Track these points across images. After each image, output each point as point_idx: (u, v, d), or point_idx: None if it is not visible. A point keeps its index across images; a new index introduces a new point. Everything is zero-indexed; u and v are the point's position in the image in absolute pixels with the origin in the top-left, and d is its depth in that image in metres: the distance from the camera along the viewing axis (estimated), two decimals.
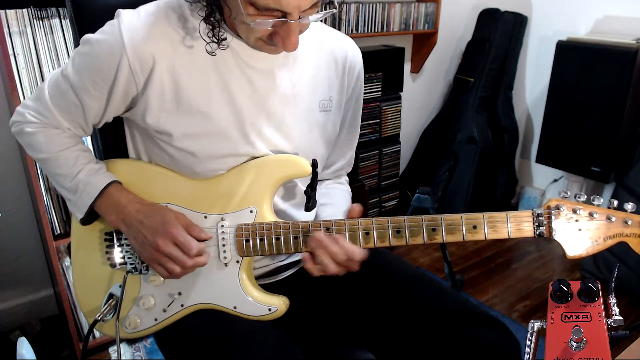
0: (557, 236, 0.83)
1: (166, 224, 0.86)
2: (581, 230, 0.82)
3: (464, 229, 0.84)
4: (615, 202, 0.82)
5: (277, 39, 0.80)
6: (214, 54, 0.85)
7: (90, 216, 0.93)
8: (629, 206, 0.82)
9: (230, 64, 0.88)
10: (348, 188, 1.13)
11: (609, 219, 0.82)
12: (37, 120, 0.93)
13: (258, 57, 0.89)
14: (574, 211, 0.83)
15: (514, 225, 0.84)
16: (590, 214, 0.82)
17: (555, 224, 0.83)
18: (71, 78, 0.88)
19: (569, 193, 0.84)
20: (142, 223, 0.88)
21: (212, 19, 0.82)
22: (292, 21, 0.76)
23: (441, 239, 0.85)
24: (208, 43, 0.84)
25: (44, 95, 0.91)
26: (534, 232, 0.83)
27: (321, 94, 0.97)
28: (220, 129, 0.89)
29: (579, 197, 0.83)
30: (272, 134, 0.92)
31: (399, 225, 0.86)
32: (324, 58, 0.97)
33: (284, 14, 0.76)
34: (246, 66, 0.88)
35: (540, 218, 0.83)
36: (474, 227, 0.84)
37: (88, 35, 0.87)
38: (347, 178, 1.17)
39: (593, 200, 0.83)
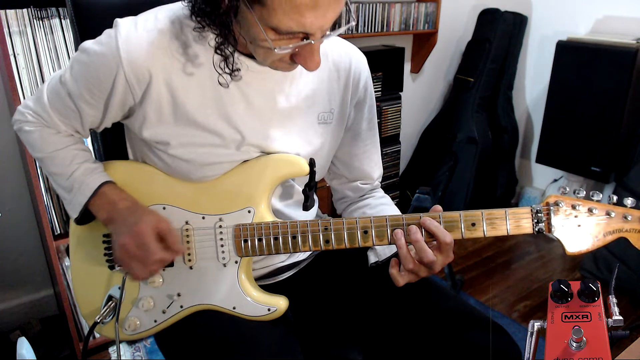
0: (557, 232, 0.82)
1: (137, 224, 0.85)
2: (580, 226, 0.82)
3: (462, 226, 0.84)
4: (615, 198, 0.82)
5: (300, 60, 0.79)
6: (226, 85, 0.85)
7: (85, 216, 0.93)
8: (629, 201, 0.81)
9: (226, 80, 0.87)
10: (391, 201, 1.12)
11: (608, 214, 0.81)
12: (35, 120, 0.93)
13: (256, 74, 0.88)
14: (573, 207, 0.82)
15: (513, 222, 0.84)
16: (590, 210, 0.82)
17: (554, 220, 0.82)
18: (69, 85, 0.88)
19: (567, 189, 0.83)
20: (123, 221, 0.88)
21: (224, 48, 0.81)
22: (315, 42, 0.76)
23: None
24: (220, 74, 0.83)
25: (43, 98, 0.92)
26: (533, 229, 0.83)
27: (320, 107, 0.96)
28: (217, 141, 0.88)
29: (578, 193, 0.83)
30: (269, 147, 0.91)
31: (398, 224, 0.85)
32: (325, 69, 0.96)
33: (306, 35, 0.75)
34: (243, 83, 0.87)
35: (539, 214, 0.83)
36: (473, 224, 0.84)
37: (86, 44, 0.86)
38: (383, 192, 1.14)
39: (592, 196, 0.82)
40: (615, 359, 0.86)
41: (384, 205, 1.08)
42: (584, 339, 0.64)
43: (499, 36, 2.77)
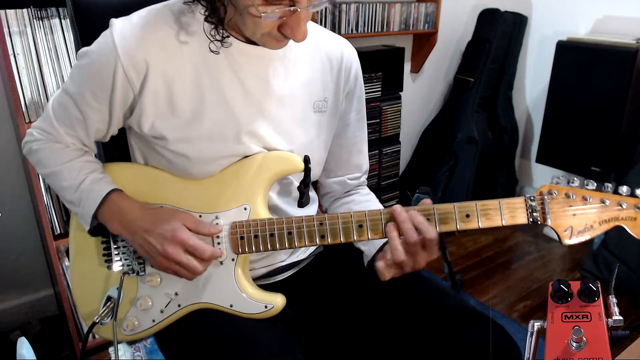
0: (551, 222, 0.82)
1: (174, 230, 0.85)
2: (575, 215, 0.81)
3: (457, 218, 0.84)
4: (609, 186, 0.81)
5: (287, 30, 0.80)
6: (217, 52, 0.86)
7: (97, 227, 0.93)
8: (624, 189, 0.80)
9: (223, 67, 0.88)
10: (376, 198, 1.12)
11: (603, 202, 0.81)
12: (43, 138, 0.94)
13: (251, 60, 0.89)
14: (567, 196, 0.82)
15: (507, 212, 0.83)
16: (584, 199, 0.81)
17: (548, 209, 0.82)
18: (72, 92, 0.89)
19: (561, 178, 0.83)
20: (148, 231, 0.86)
21: (213, 18, 0.82)
22: (302, 9, 0.76)
23: (435, 229, 0.85)
24: (212, 41, 0.84)
25: (49, 112, 0.93)
26: (528, 219, 0.83)
27: (315, 95, 0.97)
28: (214, 132, 0.89)
29: (572, 183, 0.82)
30: (266, 136, 0.92)
31: (392, 217, 0.86)
32: (318, 59, 0.97)
33: (292, 3, 0.76)
34: (239, 68, 0.88)
35: (533, 204, 0.83)
36: (467, 215, 0.84)
37: (84, 48, 0.88)
38: (369, 190, 1.15)
39: (586, 185, 0.82)
40: (615, 359, 0.86)
41: (369, 202, 1.09)
42: (584, 339, 0.64)
43: (499, 36, 2.77)
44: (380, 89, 2.58)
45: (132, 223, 0.88)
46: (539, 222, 0.82)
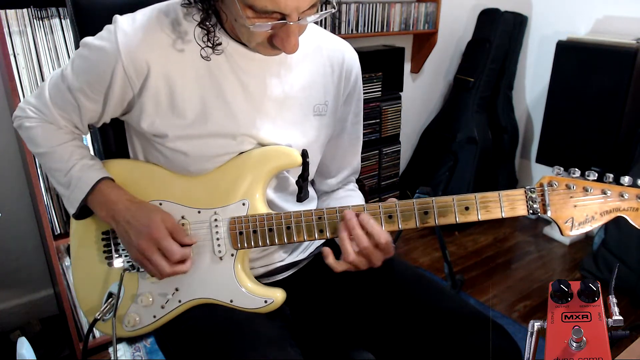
0: (552, 213, 0.81)
1: (150, 226, 0.87)
2: (577, 206, 0.81)
3: (456, 210, 0.84)
4: (611, 176, 0.80)
5: (277, 42, 0.80)
6: (208, 58, 0.86)
7: (83, 211, 0.94)
8: (626, 179, 0.80)
9: (224, 68, 0.88)
10: (360, 194, 1.13)
11: (604, 193, 0.80)
12: (36, 116, 0.95)
13: (252, 62, 0.89)
14: (568, 187, 0.81)
15: (507, 204, 0.83)
16: (585, 189, 0.80)
17: (549, 201, 0.81)
18: (69, 79, 0.90)
19: (562, 169, 0.82)
20: (129, 223, 0.89)
21: (207, 23, 0.83)
22: (292, 23, 0.76)
23: (434, 222, 0.85)
24: (203, 48, 0.85)
25: (44, 93, 0.93)
26: (528, 211, 0.82)
27: (316, 98, 0.97)
28: (214, 132, 0.89)
29: (572, 173, 0.82)
30: (265, 137, 0.92)
31: (391, 210, 0.86)
32: (320, 62, 0.97)
33: (283, 16, 0.76)
34: (240, 70, 0.89)
35: (533, 195, 0.82)
36: (466, 208, 0.84)
37: (87, 39, 0.88)
38: (356, 185, 1.16)
39: (587, 176, 0.81)
40: (615, 359, 0.86)
41: (350, 197, 1.10)
42: (584, 339, 0.64)
43: (499, 36, 2.77)
44: (380, 89, 2.58)
45: (117, 213, 0.90)
46: (539, 214, 0.82)
